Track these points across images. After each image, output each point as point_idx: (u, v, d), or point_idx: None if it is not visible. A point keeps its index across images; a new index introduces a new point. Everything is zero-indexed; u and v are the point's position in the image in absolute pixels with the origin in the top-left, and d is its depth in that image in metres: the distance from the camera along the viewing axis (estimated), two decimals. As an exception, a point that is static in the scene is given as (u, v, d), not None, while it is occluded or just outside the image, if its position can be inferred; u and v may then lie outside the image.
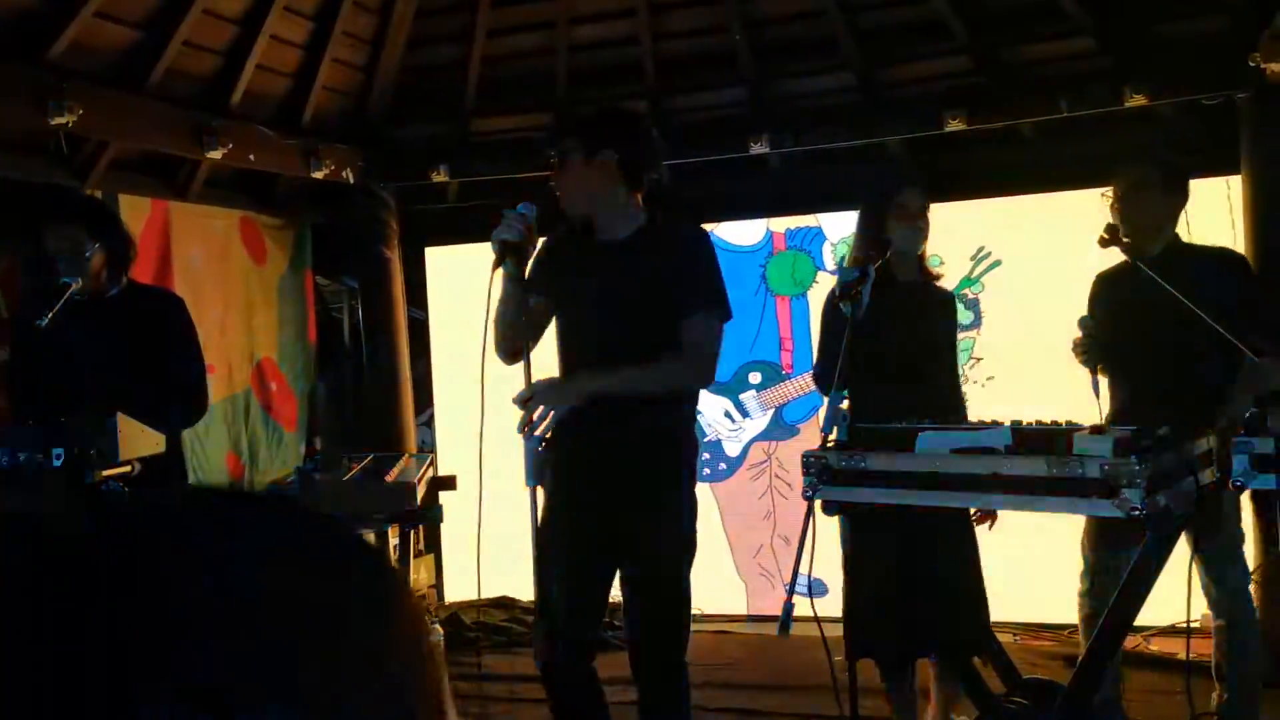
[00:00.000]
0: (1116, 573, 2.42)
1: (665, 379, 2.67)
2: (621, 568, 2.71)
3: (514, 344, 2.76)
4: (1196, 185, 3.44)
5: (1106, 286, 3.35)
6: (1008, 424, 2.51)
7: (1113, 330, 3.17)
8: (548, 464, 2.62)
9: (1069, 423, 2.48)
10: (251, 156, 4.99)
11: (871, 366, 3.00)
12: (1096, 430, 2.28)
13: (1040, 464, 2.20)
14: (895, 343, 3.09)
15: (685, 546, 2.73)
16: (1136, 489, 2.08)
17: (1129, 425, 2.32)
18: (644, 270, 2.72)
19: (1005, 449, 2.35)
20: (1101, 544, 3.19)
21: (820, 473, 2.45)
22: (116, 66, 4.43)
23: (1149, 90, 4.58)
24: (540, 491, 2.68)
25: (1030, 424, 2.50)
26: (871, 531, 2.93)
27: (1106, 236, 3.07)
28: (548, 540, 2.66)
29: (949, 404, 3.20)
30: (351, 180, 5.57)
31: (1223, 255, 3.36)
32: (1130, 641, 3.98)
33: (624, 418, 2.61)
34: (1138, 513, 2.09)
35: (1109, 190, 3.27)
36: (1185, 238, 3.36)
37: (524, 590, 5.47)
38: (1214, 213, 4.65)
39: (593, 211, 2.79)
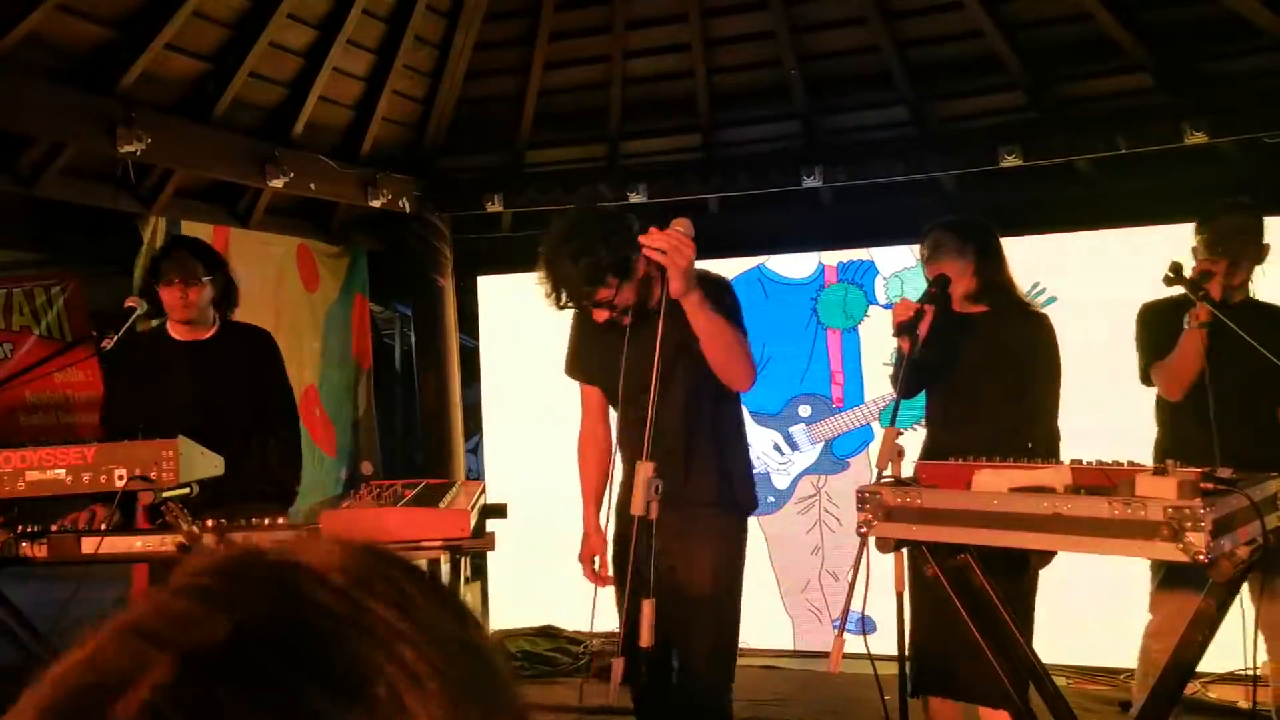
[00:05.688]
0: (1182, 616, 2.37)
1: (739, 346, 2.75)
2: (677, 604, 2.67)
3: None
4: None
5: (1168, 316, 3.27)
6: (1067, 462, 2.48)
7: None
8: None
9: (1130, 462, 2.44)
10: (312, 185, 5.08)
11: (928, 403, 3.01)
12: (1159, 471, 2.24)
13: (1101, 505, 2.16)
14: (944, 379, 3.05)
15: (733, 580, 2.71)
16: (1201, 532, 2.04)
17: (1193, 466, 2.28)
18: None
19: (1065, 488, 2.31)
20: (1168, 586, 3.13)
21: (875, 509, 2.43)
22: (184, 96, 4.54)
23: (1209, 127, 4.53)
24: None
25: (1090, 463, 2.47)
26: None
27: (1171, 275, 3.02)
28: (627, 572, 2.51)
29: (1004, 444, 3.14)
30: (407, 209, 5.65)
31: None
32: (1188, 688, 3.89)
33: (692, 461, 2.63)
34: (1201, 557, 2.04)
35: (1202, 229, 3.24)
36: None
37: (568, 620, 5.47)
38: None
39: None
